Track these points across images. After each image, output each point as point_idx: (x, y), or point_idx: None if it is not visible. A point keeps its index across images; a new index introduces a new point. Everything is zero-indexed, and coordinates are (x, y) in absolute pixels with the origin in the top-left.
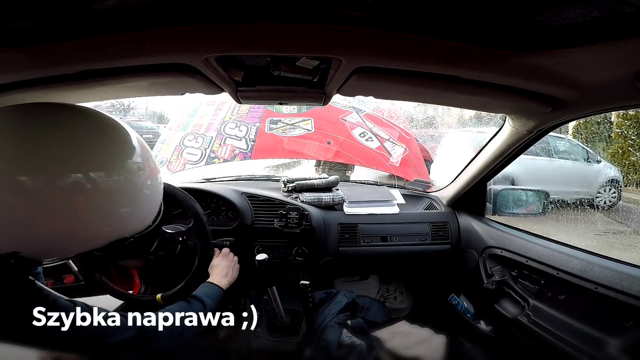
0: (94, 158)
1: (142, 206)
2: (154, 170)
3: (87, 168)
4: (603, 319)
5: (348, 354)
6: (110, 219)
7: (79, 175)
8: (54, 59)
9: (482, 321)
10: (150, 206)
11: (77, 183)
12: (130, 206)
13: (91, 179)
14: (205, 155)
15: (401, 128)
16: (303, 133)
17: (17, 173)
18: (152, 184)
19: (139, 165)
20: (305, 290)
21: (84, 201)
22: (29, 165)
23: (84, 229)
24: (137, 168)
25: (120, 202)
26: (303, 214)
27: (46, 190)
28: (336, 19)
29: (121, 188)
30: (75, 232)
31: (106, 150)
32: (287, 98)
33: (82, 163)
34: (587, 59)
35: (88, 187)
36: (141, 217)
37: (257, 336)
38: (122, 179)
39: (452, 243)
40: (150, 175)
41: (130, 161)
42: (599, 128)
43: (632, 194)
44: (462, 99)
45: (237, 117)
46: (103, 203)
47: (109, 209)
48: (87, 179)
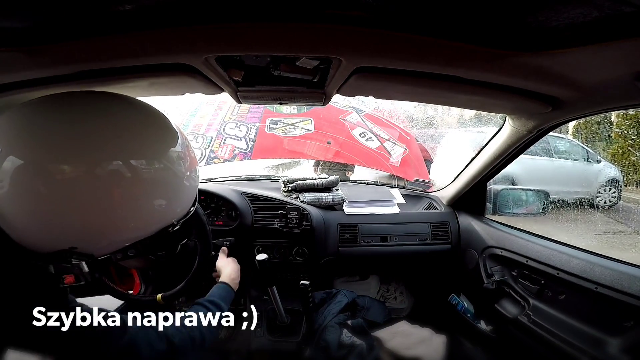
0: (139, 146)
1: (184, 192)
2: (194, 160)
3: (131, 156)
4: (603, 319)
5: (348, 354)
6: (154, 206)
7: (120, 162)
8: (54, 59)
9: (482, 321)
10: (191, 192)
11: (118, 172)
12: (174, 193)
13: (133, 167)
14: (205, 155)
15: (401, 128)
16: (303, 133)
17: (62, 162)
18: (192, 175)
19: (178, 154)
20: (305, 290)
21: (130, 189)
22: (73, 153)
23: (133, 218)
24: (178, 157)
25: (164, 190)
26: (303, 214)
27: (89, 179)
28: (336, 19)
29: (165, 176)
30: (124, 220)
31: (151, 139)
32: (287, 98)
33: (129, 151)
34: (587, 59)
35: (128, 176)
36: (184, 203)
37: (257, 336)
38: (163, 167)
39: (452, 243)
40: (191, 165)
41: (173, 149)
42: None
43: (632, 194)
44: (462, 99)
45: (237, 117)
46: (148, 191)
47: (153, 197)
48: (128, 167)
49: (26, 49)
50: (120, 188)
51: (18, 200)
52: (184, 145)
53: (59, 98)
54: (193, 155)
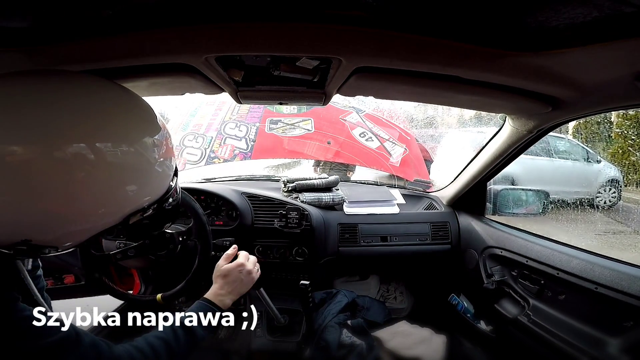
0: (108, 130)
1: (154, 178)
2: (171, 151)
3: (98, 139)
4: (603, 319)
5: (348, 354)
6: (122, 192)
7: (82, 145)
8: (54, 59)
9: (482, 321)
10: (163, 179)
11: (79, 155)
12: (144, 178)
13: (98, 149)
14: (205, 155)
15: (401, 128)
16: (303, 133)
17: (13, 143)
18: (165, 162)
19: (154, 142)
20: (305, 290)
21: (96, 173)
22: (28, 134)
23: (99, 204)
24: (153, 144)
25: (133, 175)
26: (303, 214)
27: (43, 162)
28: (336, 19)
29: (135, 161)
30: (89, 206)
31: (124, 123)
32: (287, 98)
33: (90, 134)
34: (587, 59)
35: (92, 159)
36: (154, 190)
37: (257, 336)
38: (134, 151)
39: (452, 243)
40: (166, 154)
41: (149, 137)
42: (599, 128)
43: (632, 194)
44: (462, 99)
45: (237, 117)
46: (115, 175)
47: (122, 182)
48: (92, 150)
49: (26, 49)
50: (84, 172)
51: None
52: (163, 136)
53: (17, 76)
54: (171, 147)
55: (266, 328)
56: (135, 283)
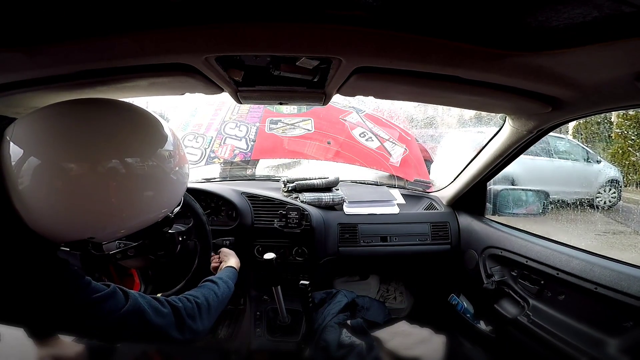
0: (129, 146)
1: (171, 185)
2: (183, 158)
3: (125, 155)
4: (603, 319)
5: (348, 354)
6: (144, 197)
7: (116, 161)
8: (54, 59)
9: (482, 321)
10: (179, 186)
11: (114, 168)
12: (162, 186)
13: (127, 164)
14: (205, 155)
15: (401, 128)
16: (303, 133)
17: (72, 161)
18: (179, 171)
19: (170, 153)
20: (305, 290)
21: (124, 183)
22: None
23: (127, 207)
24: (168, 155)
25: (153, 183)
26: (303, 214)
27: (93, 174)
28: (336, 19)
29: (154, 172)
30: (120, 210)
31: (139, 140)
32: (287, 98)
33: (122, 151)
34: (587, 59)
35: (123, 172)
36: (172, 195)
37: (257, 336)
38: (153, 164)
39: (452, 243)
40: (179, 163)
41: (161, 149)
42: (599, 128)
43: (632, 194)
44: (462, 99)
45: (237, 117)
46: (139, 184)
47: (143, 189)
48: (123, 164)
49: (26, 49)
50: (116, 182)
51: (39, 194)
52: (175, 145)
53: (66, 106)
54: (182, 154)
55: (266, 328)
56: (135, 283)
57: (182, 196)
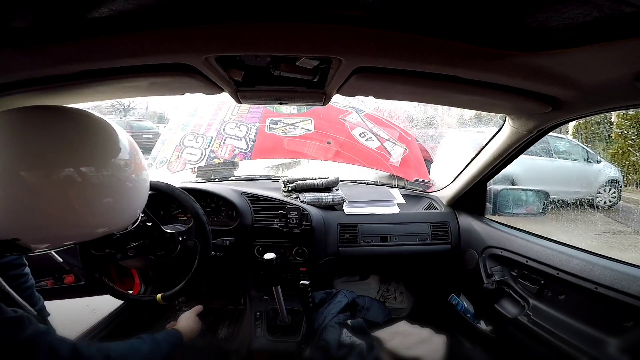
0: (82, 155)
1: (126, 200)
2: (139, 166)
3: (77, 163)
4: (603, 319)
5: (348, 354)
6: (98, 209)
7: (71, 169)
8: (54, 59)
9: (482, 321)
10: (135, 200)
11: (68, 177)
12: (115, 199)
13: (81, 172)
14: (205, 155)
15: (401, 128)
16: (303, 133)
17: (18, 169)
18: (136, 179)
19: (126, 162)
20: (305, 290)
21: (75, 192)
22: (27, 161)
23: (75, 218)
24: (124, 164)
25: (106, 194)
26: (303, 214)
27: (43, 182)
28: (336, 19)
29: (107, 182)
30: (66, 220)
31: (93, 148)
32: (287, 98)
33: (71, 159)
34: (587, 59)
35: (78, 180)
36: (127, 211)
37: (257, 336)
38: (108, 174)
39: (452, 243)
40: (135, 171)
41: (115, 159)
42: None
43: (632, 194)
44: (462, 99)
45: (237, 117)
46: (90, 195)
47: (96, 200)
48: (77, 173)
49: (26, 49)
50: (73, 190)
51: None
52: (131, 154)
53: (18, 114)
54: (139, 162)
55: (266, 328)
56: (135, 283)
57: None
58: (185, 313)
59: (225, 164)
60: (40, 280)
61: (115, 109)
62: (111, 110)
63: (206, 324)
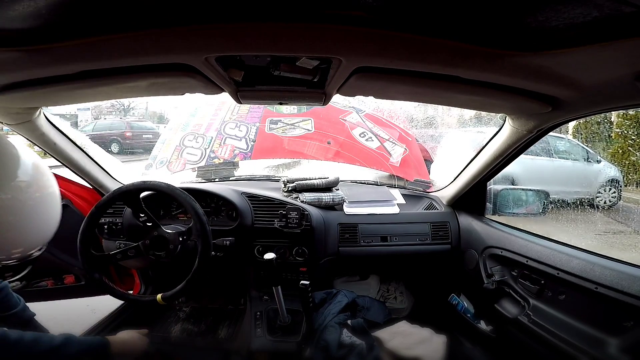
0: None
1: (31, 219)
2: (44, 185)
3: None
4: (603, 319)
5: (348, 354)
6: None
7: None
8: (54, 59)
9: (482, 321)
10: (42, 218)
11: None
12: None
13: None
14: (205, 155)
15: (401, 128)
16: (303, 133)
17: None
18: (39, 198)
19: (28, 183)
20: (305, 290)
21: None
22: None
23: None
24: (26, 185)
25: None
26: (303, 214)
27: None
28: (336, 19)
29: (7, 205)
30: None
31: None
32: (287, 98)
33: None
34: (587, 59)
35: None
36: (36, 230)
37: (257, 336)
38: (8, 197)
39: (452, 243)
40: (38, 190)
41: (15, 181)
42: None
43: (632, 194)
44: (462, 99)
45: (237, 117)
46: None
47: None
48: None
49: (26, 49)
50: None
51: None
52: (33, 175)
53: None
54: (44, 181)
55: (266, 328)
56: (135, 283)
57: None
58: (130, 331)
59: (225, 164)
60: (40, 281)
61: (115, 109)
62: (111, 110)
63: (206, 324)
